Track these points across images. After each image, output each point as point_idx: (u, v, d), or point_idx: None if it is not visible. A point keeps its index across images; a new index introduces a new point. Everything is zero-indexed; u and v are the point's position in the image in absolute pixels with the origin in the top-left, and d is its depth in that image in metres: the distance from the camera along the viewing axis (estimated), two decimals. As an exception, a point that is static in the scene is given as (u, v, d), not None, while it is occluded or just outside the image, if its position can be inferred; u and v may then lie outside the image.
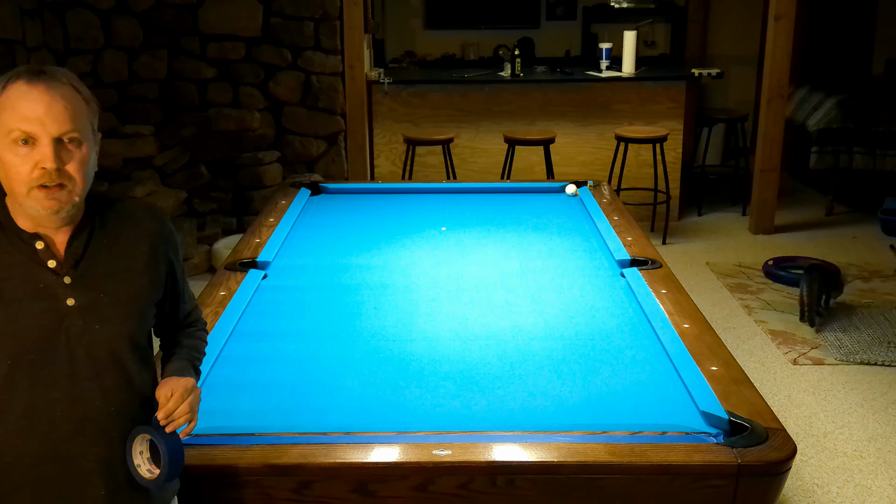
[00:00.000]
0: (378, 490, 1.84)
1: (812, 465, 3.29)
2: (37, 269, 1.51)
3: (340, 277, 2.98)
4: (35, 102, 1.45)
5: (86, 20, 5.42)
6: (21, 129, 1.44)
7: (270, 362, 2.35)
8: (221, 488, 1.83)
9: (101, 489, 1.57)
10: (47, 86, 1.46)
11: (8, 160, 1.45)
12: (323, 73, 5.72)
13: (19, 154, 1.45)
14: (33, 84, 1.46)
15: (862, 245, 5.77)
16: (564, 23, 8.12)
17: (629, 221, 3.50)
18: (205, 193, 5.72)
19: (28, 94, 1.45)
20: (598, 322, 2.59)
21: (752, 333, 4.43)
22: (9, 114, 1.45)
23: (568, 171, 5.87)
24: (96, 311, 1.54)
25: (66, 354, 1.52)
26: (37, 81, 1.46)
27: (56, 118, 1.46)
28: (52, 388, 1.51)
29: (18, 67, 1.50)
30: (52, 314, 1.51)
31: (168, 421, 1.57)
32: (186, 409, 1.59)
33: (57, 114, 1.46)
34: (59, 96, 1.47)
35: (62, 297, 1.51)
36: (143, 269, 1.62)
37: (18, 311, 1.49)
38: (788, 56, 5.71)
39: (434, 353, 2.39)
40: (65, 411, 1.52)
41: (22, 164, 1.45)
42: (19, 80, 1.46)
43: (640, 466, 1.82)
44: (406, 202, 3.92)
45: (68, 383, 1.52)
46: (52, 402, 1.52)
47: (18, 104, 1.44)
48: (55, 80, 1.48)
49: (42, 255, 1.51)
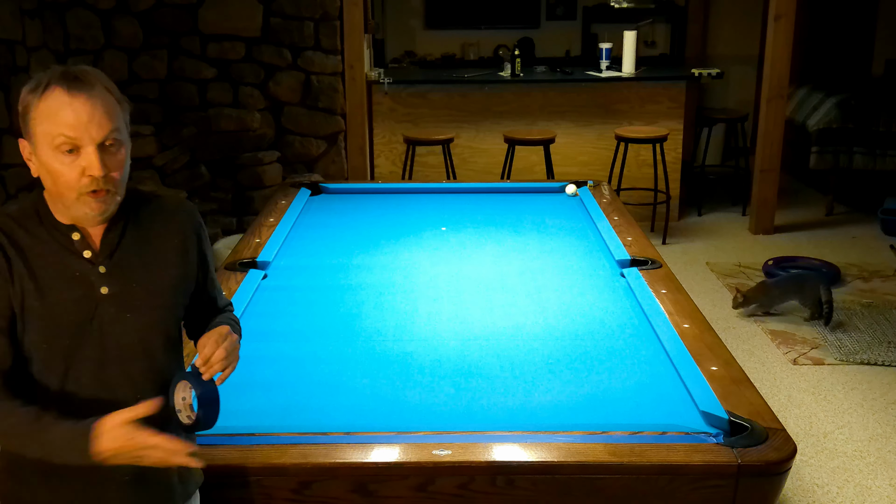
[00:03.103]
0: (378, 490, 1.84)
1: (812, 465, 3.29)
2: (73, 259, 1.55)
3: (340, 277, 2.98)
4: (77, 112, 1.47)
5: (86, 20, 5.41)
6: (66, 138, 1.47)
7: (270, 362, 2.35)
8: (221, 488, 1.84)
9: (126, 475, 1.59)
10: (88, 94, 1.49)
11: (54, 168, 1.49)
12: (323, 73, 5.71)
13: (65, 162, 1.48)
14: (73, 94, 1.48)
15: (862, 245, 5.77)
16: (564, 23, 8.12)
17: (629, 221, 3.50)
18: (205, 193, 5.72)
19: (70, 104, 1.47)
20: (598, 322, 2.59)
21: (752, 333, 4.43)
22: (51, 123, 1.47)
23: (568, 171, 5.86)
24: (129, 300, 1.58)
25: (98, 341, 1.55)
26: (76, 91, 1.48)
27: (99, 125, 1.49)
28: (82, 374, 1.55)
29: (50, 71, 1.51)
30: (87, 302, 1.55)
31: (206, 367, 1.60)
32: (223, 355, 1.61)
33: (99, 120, 1.49)
34: (99, 103, 1.50)
35: (97, 285, 1.55)
36: (175, 260, 1.66)
37: (56, 298, 1.52)
38: (788, 56, 5.71)
39: (434, 353, 2.39)
40: (93, 397, 1.55)
41: (69, 171, 1.49)
42: (57, 87, 1.48)
43: (640, 466, 1.82)
44: (406, 202, 3.92)
45: (97, 369, 1.56)
46: (82, 387, 1.55)
47: (61, 114, 1.47)
48: (92, 86, 1.50)
49: (78, 245, 1.56)
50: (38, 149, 1.49)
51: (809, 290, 4.45)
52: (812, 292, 4.44)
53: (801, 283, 4.52)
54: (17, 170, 4.47)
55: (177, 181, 5.58)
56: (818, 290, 4.42)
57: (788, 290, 4.54)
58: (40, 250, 1.53)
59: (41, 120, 1.48)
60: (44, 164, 1.50)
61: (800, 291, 4.48)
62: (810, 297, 4.44)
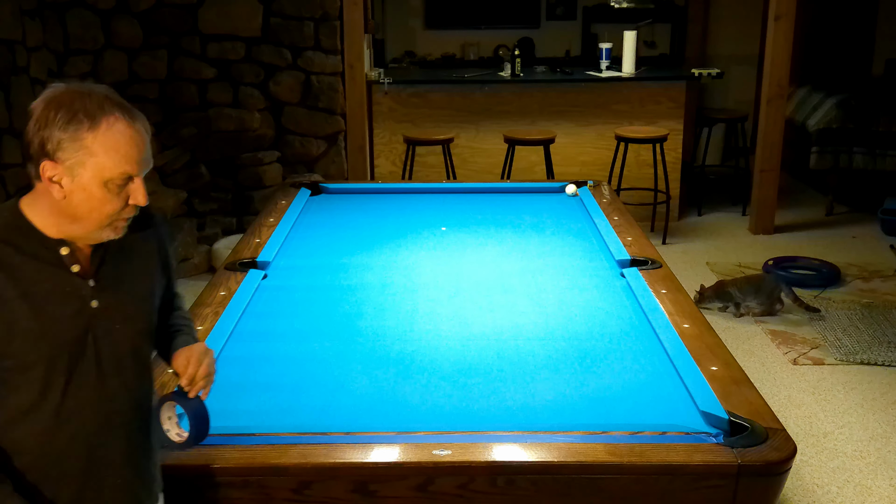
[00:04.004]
0: (378, 490, 1.84)
1: (812, 465, 3.29)
2: (63, 274, 1.54)
3: (340, 277, 2.98)
4: (139, 147, 1.51)
5: (86, 20, 5.41)
6: (125, 172, 1.49)
7: (270, 362, 2.35)
8: (221, 488, 1.84)
9: (119, 479, 1.62)
10: (142, 125, 1.52)
11: (99, 196, 1.49)
12: (323, 73, 5.71)
13: (113, 192, 1.50)
14: (132, 123, 1.49)
15: (862, 245, 5.77)
16: (564, 23, 8.13)
17: (629, 221, 3.50)
18: (205, 193, 5.72)
19: (133, 138, 1.49)
20: (598, 322, 2.59)
21: (752, 333, 4.43)
22: (112, 154, 1.47)
23: (568, 171, 5.86)
24: (118, 311, 1.60)
25: (94, 354, 1.56)
26: (134, 120, 1.50)
27: (149, 158, 1.54)
28: (82, 388, 1.56)
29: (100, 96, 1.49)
30: (81, 317, 1.55)
31: (190, 386, 1.68)
32: (206, 372, 1.70)
33: (149, 154, 1.54)
34: (147, 135, 1.53)
35: (88, 299, 1.56)
36: (153, 268, 1.71)
37: (52, 315, 1.52)
38: (788, 56, 5.71)
39: (434, 353, 2.39)
40: (93, 409, 1.57)
41: (116, 200, 1.51)
42: (114, 116, 1.48)
43: (640, 466, 1.82)
44: (406, 202, 3.92)
45: (97, 382, 1.57)
46: (82, 401, 1.56)
47: (123, 145, 1.48)
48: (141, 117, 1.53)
49: (67, 259, 1.55)
50: (80, 178, 1.47)
51: (766, 292, 4.58)
52: (768, 293, 4.58)
53: (758, 285, 4.64)
54: (17, 170, 4.47)
55: (177, 181, 5.58)
56: (776, 292, 4.58)
57: (745, 291, 4.64)
58: (30, 268, 1.51)
59: (98, 152, 1.46)
60: (83, 190, 1.48)
61: (756, 293, 4.59)
62: (766, 297, 4.57)
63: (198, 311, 2.60)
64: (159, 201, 5.25)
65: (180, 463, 1.82)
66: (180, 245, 5.27)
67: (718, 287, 4.68)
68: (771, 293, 4.58)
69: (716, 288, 4.68)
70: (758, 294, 4.58)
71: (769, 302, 4.58)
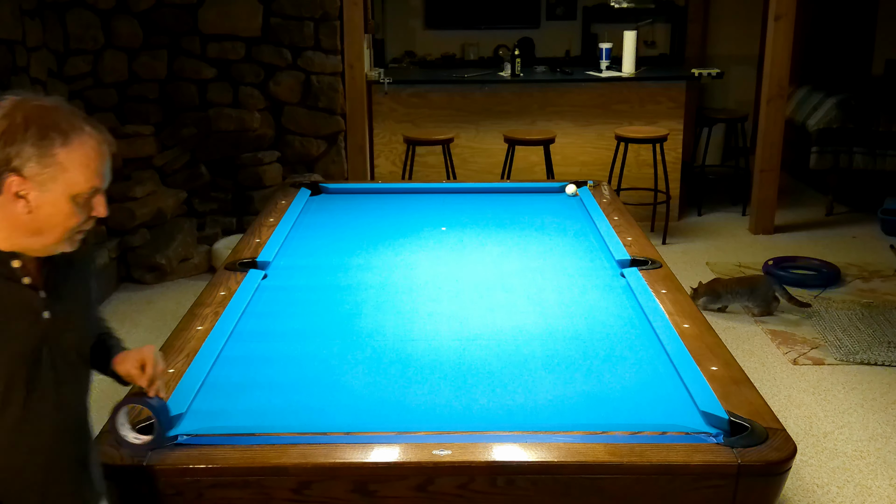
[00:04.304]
0: (378, 490, 1.84)
1: (812, 465, 3.29)
2: (15, 287, 1.54)
3: (340, 277, 2.98)
4: (104, 159, 1.53)
5: (86, 20, 5.41)
6: (94, 186, 1.51)
7: (270, 362, 2.35)
8: (221, 488, 1.84)
9: (74, 485, 1.66)
10: (106, 138, 1.53)
11: (67, 210, 1.50)
12: (323, 73, 5.71)
13: (80, 205, 1.51)
14: (100, 140, 1.51)
15: (862, 245, 5.77)
16: (564, 23, 8.12)
17: (629, 221, 3.50)
18: (205, 193, 5.72)
19: (101, 153, 1.51)
20: (598, 322, 2.59)
21: (752, 333, 4.43)
22: (83, 170, 1.49)
23: (568, 171, 5.86)
24: (68, 320, 1.62)
25: (50, 365, 1.58)
26: (100, 134, 1.52)
27: (110, 170, 1.55)
28: (41, 401, 1.57)
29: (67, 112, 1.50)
30: (35, 328, 1.56)
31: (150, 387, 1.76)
32: (162, 369, 1.78)
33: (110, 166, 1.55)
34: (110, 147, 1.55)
35: (40, 310, 1.57)
36: (89, 276, 1.74)
37: (10, 330, 1.52)
38: (788, 56, 5.71)
39: (434, 353, 2.38)
40: (50, 418, 1.59)
41: (80, 214, 1.52)
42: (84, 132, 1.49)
43: (640, 466, 1.82)
44: (406, 202, 3.92)
45: (54, 393, 1.59)
46: (41, 413, 1.57)
47: (94, 161, 1.50)
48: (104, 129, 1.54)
49: (19, 272, 1.55)
50: (50, 193, 1.47)
51: (760, 292, 4.60)
52: (763, 294, 4.59)
53: (752, 286, 4.65)
54: None
55: (177, 181, 5.58)
56: (770, 292, 4.59)
57: (738, 292, 4.66)
58: None
59: (70, 167, 1.47)
60: (52, 205, 1.48)
61: (750, 294, 4.61)
62: (762, 298, 4.58)
63: (198, 311, 2.60)
64: (159, 201, 5.25)
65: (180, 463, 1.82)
66: (180, 245, 5.28)
67: (711, 286, 4.69)
68: (766, 294, 4.60)
69: (708, 287, 4.69)
70: (752, 296, 4.59)
71: (765, 303, 4.59)
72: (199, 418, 1.98)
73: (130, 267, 5.21)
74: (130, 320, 4.65)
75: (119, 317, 4.66)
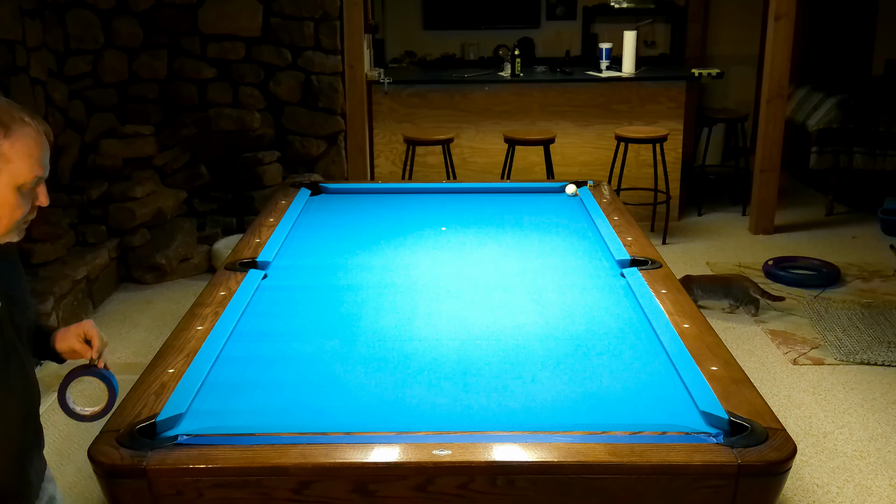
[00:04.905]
0: (378, 490, 1.84)
1: (812, 465, 3.29)
2: None
3: (340, 277, 2.98)
4: (44, 148, 1.55)
5: (86, 20, 5.41)
6: (37, 175, 1.54)
7: (270, 362, 2.35)
8: (221, 488, 1.84)
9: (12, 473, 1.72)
10: (44, 128, 1.55)
11: (13, 200, 1.53)
12: (323, 73, 5.72)
13: (25, 195, 1.54)
14: (39, 129, 1.54)
15: (862, 245, 5.77)
16: (564, 23, 8.13)
17: (629, 221, 3.49)
18: (205, 193, 5.72)
19: (40, 142, 1.54)
20: (598, 322, 2.59)
21: (752, 333, 4.43)
22: (26, 162, 1.52)
23: (568, 171, 5.87)
24: (14, 306, 1.68)
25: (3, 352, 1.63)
26: (38, 126, 1.55)
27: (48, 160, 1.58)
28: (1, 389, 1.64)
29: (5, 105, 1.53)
30: None
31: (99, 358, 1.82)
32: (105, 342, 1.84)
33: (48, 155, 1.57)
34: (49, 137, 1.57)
35: None
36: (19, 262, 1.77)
37: None
38: (788, 56, 5.71)
39: (434, 353, 2.38)
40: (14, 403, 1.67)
41: (24, 203, 1.56)
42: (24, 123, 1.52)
43: (640, 466, 1.82)
44: (406, 202, 3.92)
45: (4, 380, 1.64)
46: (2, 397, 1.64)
47: (35, 150, 1.53)
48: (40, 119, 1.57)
49: None
50: None
51: (736, 290, 4.64)
52: (740, 292, 4.63)
53: (727, 285, 4.69)
54: None
55: (177, 181, 5.58)
56: (746, 289, 4.63)
57: (711, 289, 4.70)
58: None
59: (13, 158, 1.50)
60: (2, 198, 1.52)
61: (727, 293, 4.65)
62: (739, 295, 4.63)
63: (198, 311, 2.60)
64: (159, 201, 5.25)
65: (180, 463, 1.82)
66: (180, 245, 5.28)
67: (683, 281, 4.69)
68: (742, 292, 4.63)
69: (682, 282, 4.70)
70: (728, 294, 4.62)
71: (745, 298, 4.61)
72: (199, 418, 1.98)
73: (130, 267, 5.21)
74: (130, 320, 4.65)
75: (119, 317, 4.66)
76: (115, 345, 4.27)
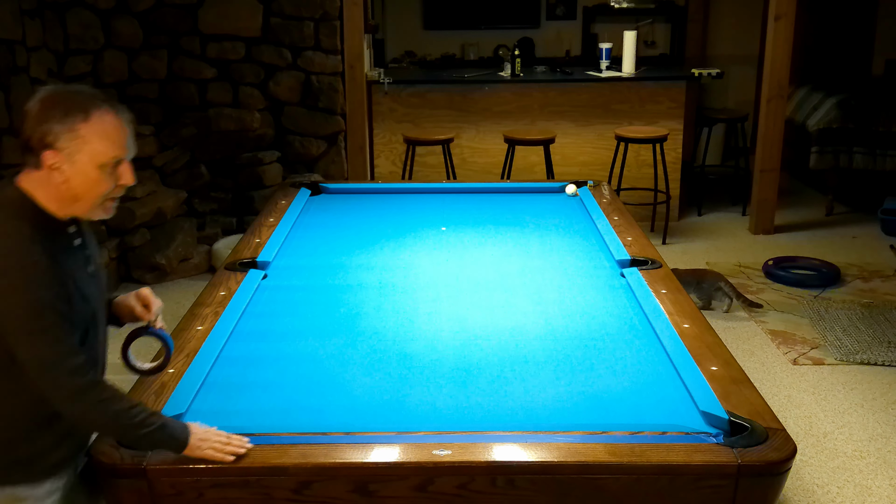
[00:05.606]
0: (378, 490, 1.84)
1: (812, 465, 3.29)
2: (74, 249, 1.80)
3: (340, 277, 2.98)
4: (123, 132, 1.74)
5: (86, 20, 5.41)
6: (116, 155, 1.73)
7: (270, 362, 2.35)
8: (221, 488, 1.84)
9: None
10: (127, 116, 1.76)
11: (94, 178, 1.72)
12: (323, 73, 5.71)
13: (106, 174, 1.73)
14: (119, 115, 1.74)
15: (862, 245, 5.77)
16: (564, 23, 8.12)
17: (629, 221, 3.50)
18: (205, 193, 5.72)
19: (121, 127, 1.74)
20: (598, 322, 2.59)
21: (752, 333, 4.43)
22: (104, 143, 1.71)
23: (568, 171, 5.87)
24: (100, 273, 1.91)
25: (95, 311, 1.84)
26: (119, 111, 1.74)
27: (133, 144, 1.78)
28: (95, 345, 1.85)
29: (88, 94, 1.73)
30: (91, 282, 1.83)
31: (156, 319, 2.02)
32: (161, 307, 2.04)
33: (132, 140, 1.78)
34: (130, 124, 1.77)
35: (87, 266, 1.84)
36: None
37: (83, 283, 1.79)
38: (788, 56, 5.71)
39: (434, 353, 2.39)
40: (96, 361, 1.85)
41: (108, 181, 1.74)
42: (103, 109, 1.71)
43: (640, 466, 1.82)
44: (406, 202, 3.92)
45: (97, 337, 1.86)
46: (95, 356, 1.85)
47: (113, 133, 1.72)
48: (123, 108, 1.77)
49: (74, 236, 1.81)
50: (78, 163, 1.70)
51: (706, 285, 4.66)
52: (707, 289, 4.65)
53: (699, 279, 4.69)
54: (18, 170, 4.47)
55: (177, 181, 5.58)
56: (714, 288, 4.65)
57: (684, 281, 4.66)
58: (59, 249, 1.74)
59: (92, 139, 1.69)
60: (81, 174, 1.71)
61: (697, 288, 4.64)
62: (706, 291, 4.65)
63: (198, 311, 2.60)
64: (159, 201, 5.25)
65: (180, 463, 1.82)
66: (180, 245, 5.28)
67: None
68: (710, 289, 4.64)
69: None
70: (697, 288, 4.62)
71: (707, 297, 4.64)
72: (199, 418, 1.98)
73: (130, 267, 5.21)
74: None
75: (119, 317, 4.66)
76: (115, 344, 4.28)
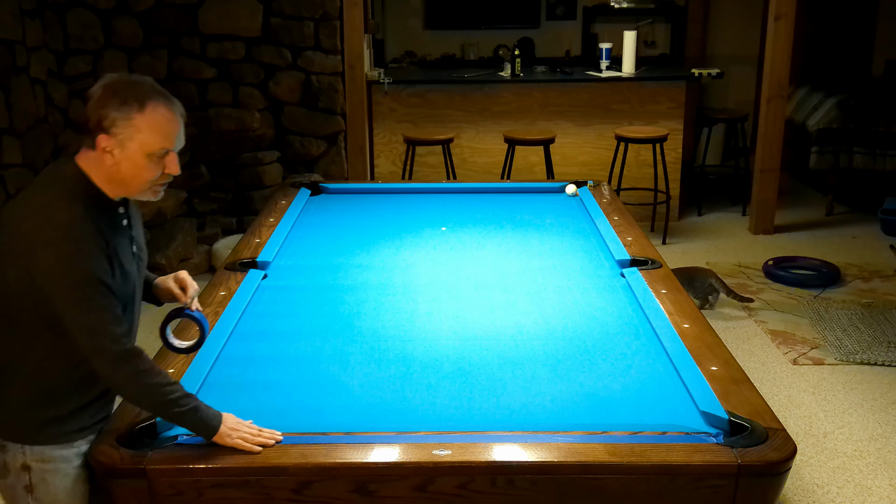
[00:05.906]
0: (378, 490, 1.84)
1: (812, 465, 3.29)
2: (122, 229, 1.91)
3: (340, 277, 2.98)
4: (174, 126, 1.84)
5: (86, 20, 5.41)
6: (164, 147, 1.83)
7: (270, 362, 2.35)
8: (221, 488, 1.84)
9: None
10: (178, 111, 1.85)
11: (142, 164, 1.82)
12: (323, 73, 5.71)
13: (153, 162, 1.83)
14: (171, 108, 1.83)
15: (862, 245, 5.77)
16: (564, 23, 8.12)
17: (629, 221, 3.50)
18: (205, 193, 5.72)
19: (171, 120, 1.83)
20: (598, 322, 2.59)
21: (752, 333, 4.43)
22: (155, 135, 1.81)
23: (568, 171, 5.87)
24: (144, 252, 2.04)
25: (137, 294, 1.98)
26: (172, 106, 1.83)
27: (182, 137, 1.87)
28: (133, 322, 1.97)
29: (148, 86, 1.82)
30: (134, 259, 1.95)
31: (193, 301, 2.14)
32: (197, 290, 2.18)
33: (182, 134, 1.87)
34: (182, 119, 1.86)
35: (131, 245, 1.95)
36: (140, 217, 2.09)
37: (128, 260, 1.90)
38: (788, 56, 5.71)
39: (434, 353, 2.39)
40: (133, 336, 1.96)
41: (155, 169, 1.84)
42: (157, 102, 1.81)
43: (640, 466, 1.82)
44: (406, 202, 3.92)
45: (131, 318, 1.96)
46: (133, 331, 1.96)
47: (165, 128, 1.82)
48: (178, 103, 1.85)
49: (122, 216, 1.92)
50: (128, 150, 1.80)
51: (699, 283, 4.66)
52: (701, 286, 4.65)
53: (691, 277, 4.68)
54: (17, 170, 4.47)
55: (177, 181, 5.54)
56: (707, 285, 4.66)
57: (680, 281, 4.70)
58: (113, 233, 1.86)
59: (144, 129, 1.79)
60: (130, 159, 1.81)
61: (690, 286, 4.61)
62: (700, 289, 4.64)
63: (198, 311, 2.60)
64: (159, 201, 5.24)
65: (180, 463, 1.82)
66: (180, 245, 5.28)
67: None
68: (703, 286, 4.64)
69: None
70: (690, 286, 4.60)
71: (703, 295, 4.63)
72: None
73: (130, 267, 5.20)
74: (130, 320, 4.65)
75: (119, 317, 4.66)
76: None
